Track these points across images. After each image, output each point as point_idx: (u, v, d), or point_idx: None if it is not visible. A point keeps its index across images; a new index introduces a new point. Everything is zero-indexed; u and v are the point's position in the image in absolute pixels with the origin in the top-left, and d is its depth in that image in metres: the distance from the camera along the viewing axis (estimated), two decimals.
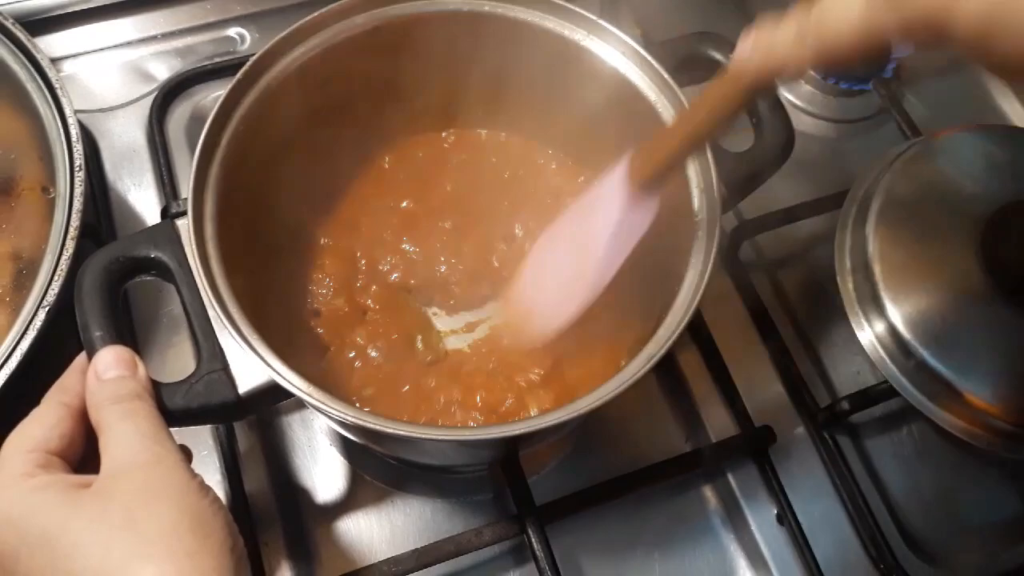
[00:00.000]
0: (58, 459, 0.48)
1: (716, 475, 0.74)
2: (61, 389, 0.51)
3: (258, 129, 0.61)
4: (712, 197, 0.59)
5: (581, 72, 0.66)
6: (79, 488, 0.46)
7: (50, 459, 0.48)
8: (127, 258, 0.56)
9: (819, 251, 0.83)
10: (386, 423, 0.50)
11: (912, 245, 0.74)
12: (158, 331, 0.76)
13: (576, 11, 0.65)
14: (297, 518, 0.70)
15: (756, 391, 0.76)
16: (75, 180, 0.67)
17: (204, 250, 0.55)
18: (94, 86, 0.89)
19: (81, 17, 0.91)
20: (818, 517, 0.71)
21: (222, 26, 0.93)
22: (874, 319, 0.73)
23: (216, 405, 0.53)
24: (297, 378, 0.52)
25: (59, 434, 0.49)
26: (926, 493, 0.74)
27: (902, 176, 0.77)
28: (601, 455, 0.73)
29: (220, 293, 0.54)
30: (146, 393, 0.50)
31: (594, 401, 0.52)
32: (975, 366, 0.69)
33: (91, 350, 0.52)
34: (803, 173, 0.87)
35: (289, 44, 0.62)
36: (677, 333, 0.54)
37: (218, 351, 0.54)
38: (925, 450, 0.75)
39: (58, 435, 0.49)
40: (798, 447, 0.74)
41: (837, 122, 0.92)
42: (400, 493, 0.72)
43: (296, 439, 0.73)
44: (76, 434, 0.50)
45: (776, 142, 0.62)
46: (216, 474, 0.70)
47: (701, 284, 0.56)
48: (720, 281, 0.80)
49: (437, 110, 0.74)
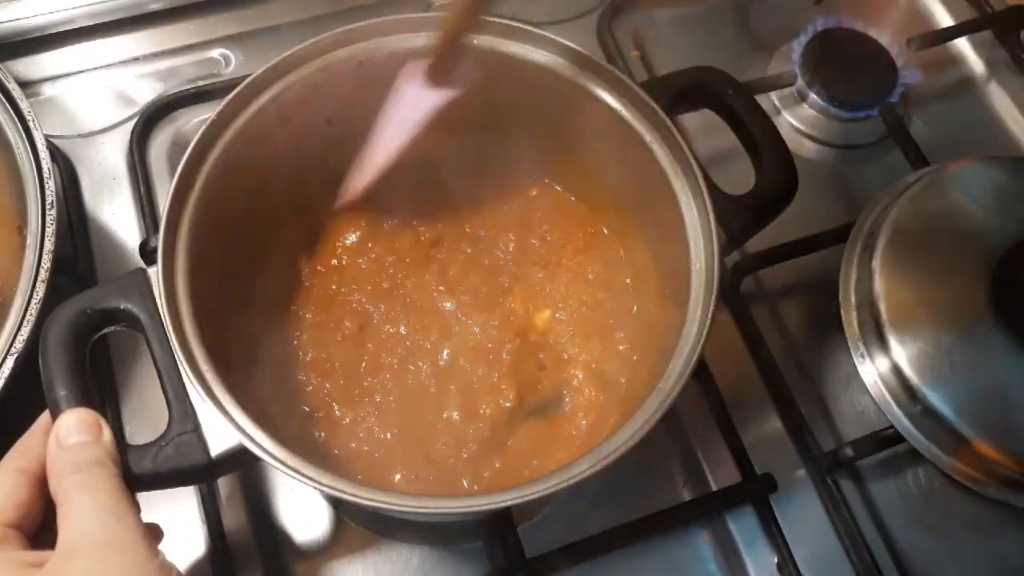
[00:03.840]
0: (13, 531, 0.46)
1: (715, 522, 0.71)
2: (20, 453, 0.49)
3: (235, 172, 0.58)
4: (710, 245, 0.57)
5: (574, 107, 0.64)
6: (32, 569, 0.43)
7: (4, 532, 0.46)
8: (95, 310, 0.53)
9: (823, 285, 0.80)
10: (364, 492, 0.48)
11: (920, 282, 0.72)
12: (138, 369, 0.73)
13: (569, 46, 0.62)
14: (278, 563, 0.68)
15: (757, 432, 0.74)
16: (47, 219, 0.64)
17: (175, 304, 0.53)
18: (74, 110, 0.87)
19: (61, 39, 0.89)
20: (820, 565, 0.69)
21: (206, 47, 0.90)
22: (879, 358, 0.71)
23: (187, 468, 0.51)
24: (271, 443, 0.49)
25: (15, 504, 0.47)
26: (932, 541, 0.71)
27: (910, 209, 0.74)
28: (595, 502, 0.71)
29: (191, 350, 0.52)
30: (109, 460, 0.48)
31: (589, 468, 0.49)
32: (984, 412, 0.67)
33: (55, 410, 0.50)
34: (807, 201, 0.83)
35: (268, 81, 0.60)
36: (677, 391, 0.52)
37: (190, 411, 0.51)
38: (932, 497, 0.73)
39: (14, 505, 0.47)
40: (800, 492, 0.72)
41: (841, 148, 0.89)
42: (386, 539, 0.69)
43: (278, 481, 0.71)
44: (33, 502, 0.47)
45: (778, 185, 0.59)
46: (195, 516, 0.68)
47: (701, 338, 0.54)
48: (720, 317, 0.77)
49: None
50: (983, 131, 0.92)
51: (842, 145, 0.90)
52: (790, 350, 0.79)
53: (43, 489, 0.48)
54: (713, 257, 0.56)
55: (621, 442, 0.50)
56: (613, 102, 0.62)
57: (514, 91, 0.65)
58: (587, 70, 0.63)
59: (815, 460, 0.72)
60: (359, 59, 0.62)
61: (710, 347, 0.73)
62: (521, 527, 0.66)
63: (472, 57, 0.62)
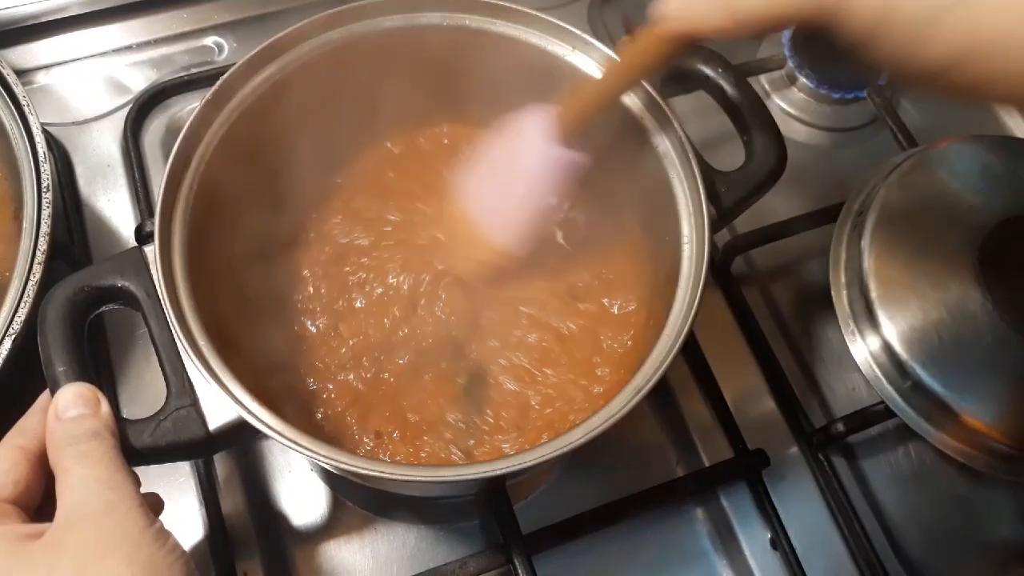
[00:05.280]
0: (11, 507, 0.46)
1: (709, 498, 0.72)
2: (19, 431, 0.50)
3: (229, 152, 0.58)
4: (700, 220, 0.57)
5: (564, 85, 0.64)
6: (30, 540, 0.44)
7: (2, 508, 0.46)
8: (93, 288, 0.54)
9: (813, 264, 0.82)
10: (364, 464, 0.48)
11: (908, 260, 0.72)
12: (135, 351, 0.74)
13: (560, 25, 0.63)
14: (277, 545, 0.68)
15: (749, 410, 0.74)
16: (42, 202, 0.65)
17: (172, 281, 0.53)
18: (68, 98, 0.87)
19: (55, 27, 0.89)
20: (813, 541, 0.70)
21: (199, 35, 0.91)
22: (869, 336, 0.71)
23: (185, 442, 0.51)
24: (269, 416, 0.50)
25: (13, 480, 0.47)
26: (923, 515, 0.72)
27: (898, 189, 0.75)
28: (590, 479, 0.71)
29: (189, 326, 0.52)
30: (107, 432, 0.48)
31: (581, 436, 0.50)
32: (973, 386, 0.68)
33: (54, 386, 0.50)
34: (797, 183, 0.85)
35: (261, 61, 0.60)
36: (666, 364, 0.52)
37: (188, 386, 0.52)
38: (922, 471, 0.74)
39: (12, 481, 0.47)
40: (792, 469, 0.73)
41: (831, 130, 0.90)
42: (383, 520, 0.70)
43: (276, 464, 0.71)
44: (32, 479, 0.48)
45: (767, 161, 0.60)
46: (193, 500, 0.69)
47: (691, 312, 0.54)
48: (711, 296, 0.78)
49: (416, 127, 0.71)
50: (969, 113, 0.93)
51: (831, 127, 0.90)
52: (781, 329, 0.79)
53: (43, 466, 0.49)
54: (704, 232, 0.57)
55: (613, 412, 0.51)
56: None
57: (507, 70, 0.65)
58: (578, 49, 0.63)
59: (807, 436, 0.72)
60: (351, 40, 0.62)
61: (702, 327, 0.75)
62: (517, 505, 0.67)
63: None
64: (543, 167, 0.61)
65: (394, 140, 0.72)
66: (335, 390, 0.63)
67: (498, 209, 0.64)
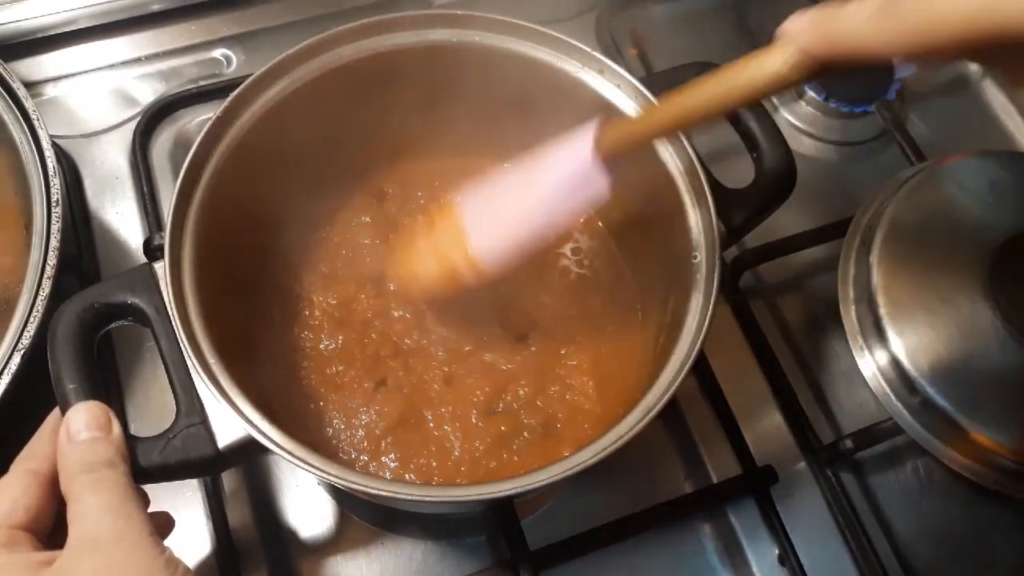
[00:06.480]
0: (23, 533, 0.46)
1: (716, 514, 0.72)
2: (30, 455, 0.50)
3: (239, 168, 0.58)
4: (711, 238, 0.57)
5: (573, 104, 0.64)
6: (42, 568, 0.44)
7: (14, 535, 0.46)
8: (103, 304, 0.54)
9: (821, 280, 0.81)
10: (374, 483, 0.48)
11: (917, 276, 0.72)
12: (142, 366, 0.74)
13: (569, 42, 0.63)
14: (284, 559, 0.68)
15: (757, 425, 0.74)
16: (52, 216, 0.65)
17: (182, 298, 0.53)
18: (77, 110, 0.87)
19: (64, 39, 0.89)
20: (821, 557, 0.69)
21: (208, 47, 0.91)
22: (878, 352, 0.71)
23: (195, 460, 0.51)
24: (279, 434, 0.50)
25: (24, 506, 0.47)
26: (932, 532, 0.72)
27: (907, 204, 0.75)
28: (597, 495, 0.71)
29: (199, 344, 0.52)
30: (118, 457, 0.48)
31: (590, 457, 0.50)
32: (982, 403, 0.68)
33: (64, 405, 0.50)
34: (805, 197, 0.85)
35: (272, 77, 0.60)
36: (677, 383, 0.52)
37: (197, 404, 0.52)
38: (931, 488, 0.73)
39: (23, 507, 0.47)
40: (800, 485, 0.72)
41: (839, 144, 0.90)
42: (390, 534, 0.70)
43: (283, 478, 0.71)
44: (44, 504, 0.48)
45: (777, 179, 0.59)
46: (200, 514, 0.68)
47: (701, 331, 0.54)
48: (719, 311, 0.77)
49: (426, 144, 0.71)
50: (978, 126, 0.93)
51: (840, 142, 0.90)
52: (790, 344, 0.79)
53: (54, 490, 0.48)
54: (714, 250, 0.57)
55: (623, 433, 0.50)
56: (614, 98, 0.63)
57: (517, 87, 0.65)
58: (588, 67, 0.63)
59: (815, 452, 0.72)
60: (360, 56, 0.62)
61: (711, 342, 0.74)
62: (524, 521, 0.67)
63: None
64: (575, 175, 0.55)
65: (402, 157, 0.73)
66: (343, 405, 0.63)
67: (498, 211, 0.61)
